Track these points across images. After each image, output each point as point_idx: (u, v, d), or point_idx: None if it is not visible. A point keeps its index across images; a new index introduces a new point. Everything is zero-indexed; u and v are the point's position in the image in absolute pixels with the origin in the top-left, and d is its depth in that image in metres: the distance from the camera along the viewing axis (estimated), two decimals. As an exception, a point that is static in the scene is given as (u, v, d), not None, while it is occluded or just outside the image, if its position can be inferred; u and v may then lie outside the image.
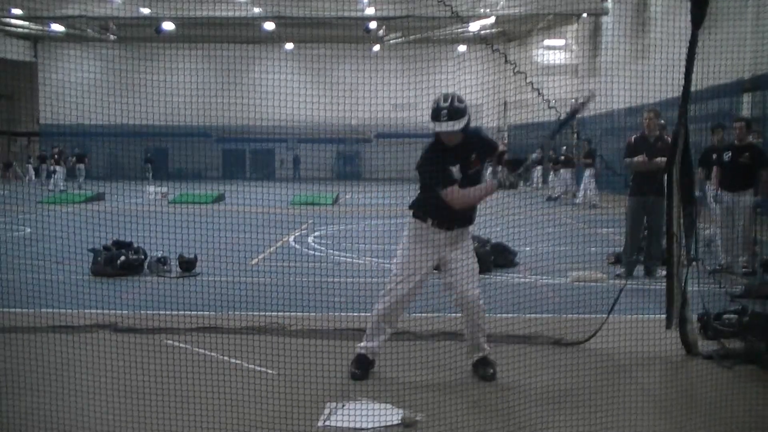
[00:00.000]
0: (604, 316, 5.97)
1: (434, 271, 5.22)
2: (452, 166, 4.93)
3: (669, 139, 8.77)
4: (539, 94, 5.44)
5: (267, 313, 6.53)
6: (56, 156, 30.36)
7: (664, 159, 8.62)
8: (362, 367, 5.12)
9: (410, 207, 5.19)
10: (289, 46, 39.82)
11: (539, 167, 29.50)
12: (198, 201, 19.90)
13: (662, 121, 9.36)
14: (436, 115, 4.87)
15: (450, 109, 4.84)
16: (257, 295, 6.66)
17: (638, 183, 9.02)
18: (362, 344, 5.17)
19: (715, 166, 9.80)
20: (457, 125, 4.84)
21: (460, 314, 5.19)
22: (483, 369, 5.11)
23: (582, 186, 22.14)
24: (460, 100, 4.92)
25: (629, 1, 26.04)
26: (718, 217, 9.70)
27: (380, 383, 4.93)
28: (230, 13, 32.54)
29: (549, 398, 4.69)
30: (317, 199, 19.86)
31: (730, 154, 9.49)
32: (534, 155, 5.05)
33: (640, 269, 9.03)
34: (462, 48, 34.80)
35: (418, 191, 5.19)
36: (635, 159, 9.00)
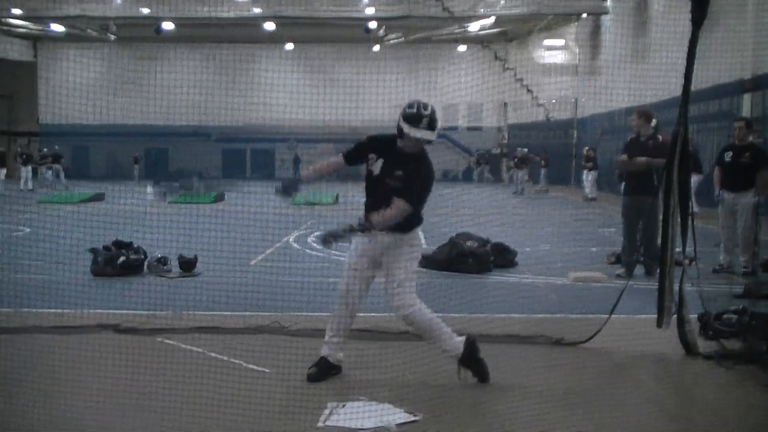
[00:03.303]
0: (604, 316, 5.97)
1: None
2: (379, 158, 4.95)
3: (661, 138, 8.87)
4: (533, 97, 5.43)
5: (267, 313, 6.53)
6: (24, 157, 29.54)
7: (644, 159, 8.76)
8: (322, 368, 5.04)
9: None
10: (290, 46, 39.81)
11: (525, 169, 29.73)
12: (198, 201, 19.93)
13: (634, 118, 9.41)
14: (416, 119, 4.78)
15: (431, 118, 4.81)
16: (257, 295, 6.66)
17: (631, 183, 9.15)
18: (325, 351, 5.11)
19: (717, 166, 9.82)
20: (432, 136, 4.83)
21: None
22: (473, 372, 5.00)
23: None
24: (434, 119, 4.87)
25: (629, 1, 26.06)
26: (720, 217, 9.71)
27: (380, 383, 4.92)
28: (230, 13, 32.56)
29: (549, 398, 4.69)
30: (317, 199, 19.84)
31: (731, 154, 9.50)
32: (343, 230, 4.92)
33: (640, 269, 9.03)
34: (462, 48, 34.81)
35: None
36: (621, 158, 9.25)
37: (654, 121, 9.36)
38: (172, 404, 4.26)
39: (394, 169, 4.88)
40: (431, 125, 4.81)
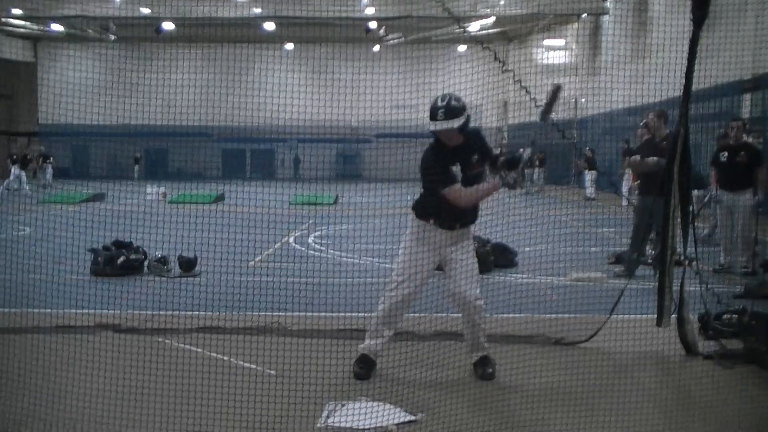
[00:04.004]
0: (604, 316, 5.97)
1: (437, 270, 5.22)
2: (452, 166, 4.95)
3: None
4: (527, 92, 5.46)
5: (267, 313, 6.53)
6: (14, 157, 29.23)
7: (653, 159, 8.75)
8: (365, 366, 5.11)
9: (413, 208, 5.19)
10: (289, 46, 39.82)
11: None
12: (198, 201, 19.91)
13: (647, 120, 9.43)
14: (432, 114, 4.89)
15: (446, 107, 4.86)
16: (257, 295, 6.65)
17: (646, 183, 9.11)
18: (364, 344, 5.17)
19: (713, 166, 9.88)
20: (454, 123, 4.85)
21: (460, 314, 5.19)
22: (482, 368, 5.11)
23: None
24: (457, 99, 4.94)
25: (629, 1, 26.05)
26: (719, 217, 9.74)
27: (380, 383, 4.93)
28: (230, 13, 32.58)
29: (549, 398, 4.69)
30: (317, 199, 19.85)
31: (726, 154, 9.56)
32: (525, 153, 5.08)
33: (642, 269, 9.01)
34: (462, 48, 34.81)
35: (421, 192, 5.19)
36: (631, 158, 9.22)
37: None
38: (172, 404, 4.25)
39: (468, 161, 4.98)
40: (448, 114, 4.84)
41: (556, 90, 5.08)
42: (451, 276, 5.07)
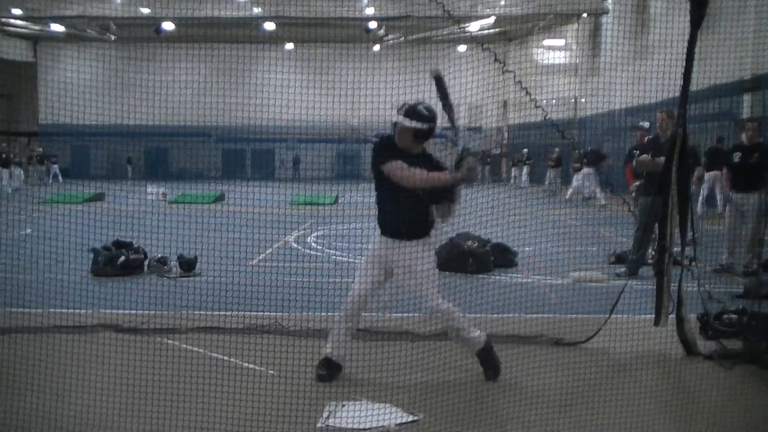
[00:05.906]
0: (604, 316, 5.97)
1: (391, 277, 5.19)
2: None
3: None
4: (527, 93, 5.45)
5: (267, 313, 6.53)
6: (3, 157, 29.01)
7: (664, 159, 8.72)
8: (329, 368, 5.08)
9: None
10: (289, 46, 39.82)
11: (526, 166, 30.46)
12: (198, 201, 19.92)
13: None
14: (399, 108, 4.91)
15: (410, 107, 4.88)
16: (257, 295, 6.65)
17: (649, 183, 9.10)
18: (328, 348, 5.15)
19: (725, 167, 9.85)
20: (405, 122, 4.83)
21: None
22: (486, 368, 5.07)
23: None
24: (428, 109, 4.91)
25: (629, 1, 26.05)
26: (728, 217, 9.71)
27: (380, 383, 4.92)
28: (230, 13, 32.58)
29: (549, 398, 4.69)
30: (317, 199, 19.85)
31: (739, 154, 9.51)
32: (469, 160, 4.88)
33: (642, 269, 9.02)
34: (462, 48, 34.82)
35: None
36: (641, 157, 9.11)
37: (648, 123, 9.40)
38: (173, 404, 4.26)
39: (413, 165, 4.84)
40: (408, 112, 4.85)
41: (438, 79, 4.87)
42: (407, 289, 5.08)
